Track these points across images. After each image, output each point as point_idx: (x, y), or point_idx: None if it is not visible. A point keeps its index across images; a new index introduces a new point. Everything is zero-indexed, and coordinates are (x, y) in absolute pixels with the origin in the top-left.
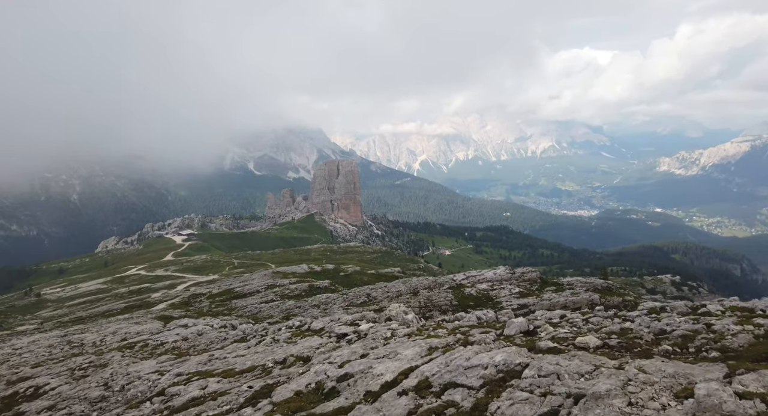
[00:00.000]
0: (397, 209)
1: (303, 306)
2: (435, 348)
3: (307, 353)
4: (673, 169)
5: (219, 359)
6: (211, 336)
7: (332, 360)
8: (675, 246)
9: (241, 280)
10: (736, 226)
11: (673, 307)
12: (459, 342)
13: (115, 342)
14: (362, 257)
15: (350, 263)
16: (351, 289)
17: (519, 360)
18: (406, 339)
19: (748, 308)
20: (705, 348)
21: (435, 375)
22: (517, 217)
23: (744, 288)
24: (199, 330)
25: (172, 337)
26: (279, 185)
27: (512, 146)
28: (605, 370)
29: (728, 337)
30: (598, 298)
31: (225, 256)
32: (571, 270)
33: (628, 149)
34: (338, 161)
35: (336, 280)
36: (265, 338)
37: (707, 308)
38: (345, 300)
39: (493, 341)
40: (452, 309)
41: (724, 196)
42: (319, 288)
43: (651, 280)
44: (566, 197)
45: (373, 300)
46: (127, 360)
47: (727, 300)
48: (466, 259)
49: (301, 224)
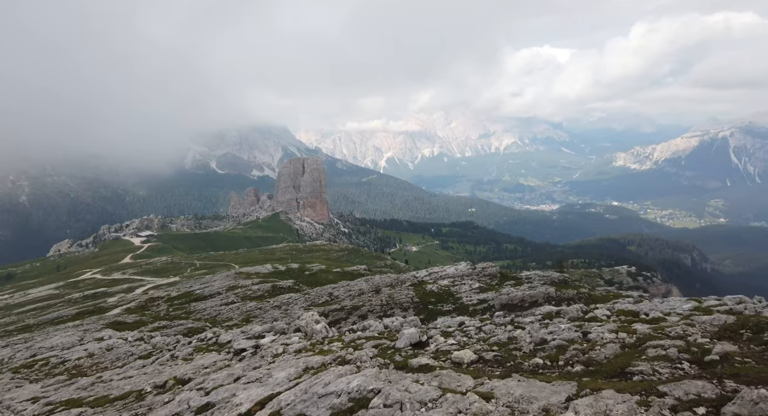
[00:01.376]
0: (364, 206)
1: (264, 308)
2: (310, 369)
3: (190, 374)
4: (628, 164)
5: (104, 382)
6: (120, 351)
7: (204, 386)
8: (631, 238)
9: (202, 282)
10: (686, 217)
11: (566, 312)
12: (337, 360)
13: (21, 359)
14: (329, 256)
15: (316, 262)
16: (314, 289)
17: (373, 386)
18: (292, 357)
19: (633, 311)
20: (572, 361)
21: (289, 406)
22: (482, 212)
23: (694, 277)
24: (109, 344)
25: (78, 353)
26: (243, 183)
27: (476, 142)
28: (450, 397)
29: (597, 348)
30: (554, 291)
31: (186, 257)
32: (534, 263)
33: (586, 145)
34: (304, 159)
35: (301, 279)
36: (167, 354)
37: (596, 312)
38: (307, 300)
39: (370, 359)
40: (413, 307)
41: (676, 189)
42: (282, 288)
43: (609, 271)
44: (529, 193)
45: (335, 299)
46: (15, 382)
47: (622, 300)
48: (433, 255)
49: (266, 224)
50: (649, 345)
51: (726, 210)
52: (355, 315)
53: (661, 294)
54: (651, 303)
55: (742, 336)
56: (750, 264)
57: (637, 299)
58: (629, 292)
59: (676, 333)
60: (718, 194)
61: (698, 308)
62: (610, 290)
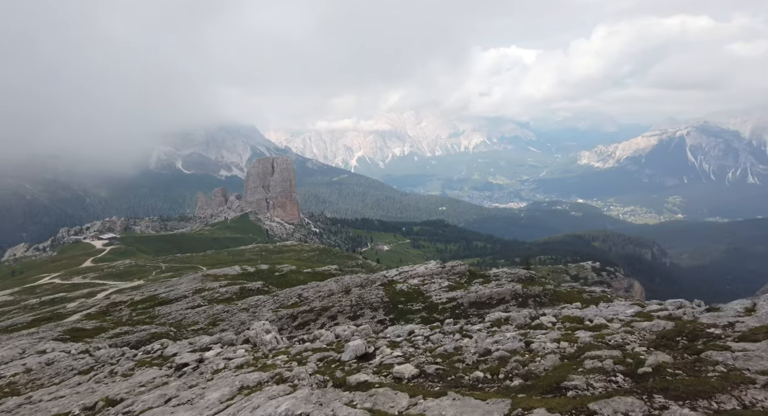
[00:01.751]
0: (335, 206)
1: (231, 311)
2: (245, 389)
3: (123, 394)
4: (592, 162)
5: (32, 403)
6: (60, 366)
7: (132, 409)
8: (595, 235)
9: (168, 285)
10: (647, 214)
11: (513, 319)
12: (275, 378)
13: None
14: (299, 256)
15: (286, 263)
16: (283, 290)
17: (301, 410)
18: (231, 374)
19: (579, 318)
20: (512, 374)
21: None
22: (453, 211)
23: (655, 271)
24: (50, 358)
25: (15, 369)
26: (210, 184)
27: (446, 141)
28: None
29: (538, 359)
30: (520, 288)
31: (151, 260)
32: (503, 260)
33: (552, 144)
34: (273, 159)
35: (270, 281)
36: (107, 369)
37: (542, 320)
38: (275, 302)
39: (309, 376)
40: (383, 307)
41: (637, 186)
42: (251, 290)
43: (574, 267)
44: (497, 191)
45: (305, 301)
46: None
47: (566, 309)
48: (405, 254)
49: (234, 224)
50: (588, 355)
51: (683, 206)
52: (324, 316)
53: (623, 289)
54: (597, 309)
55: (677, 344)
56: (705, 258)
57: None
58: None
59: (615, 341)
60: (676, 191)
61: (640, 313)
62: (575, 286)
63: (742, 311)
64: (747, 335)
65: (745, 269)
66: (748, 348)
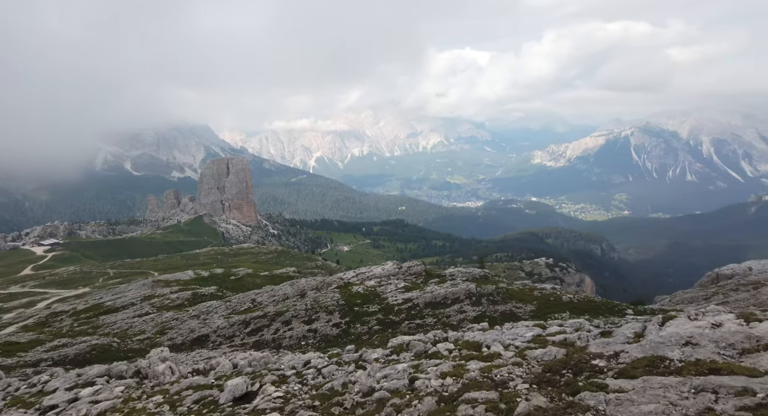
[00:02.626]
0: (294, 207)
1: (181, 318)
2: None
3: None
4: (545, 161)
5: None
6: None
7: None
8: (548, 232)
9: (115, 292)
10: (596, 211)
11: (413, 346)
12: None
13: None
14: (257, 259)
15: (243, 266)
16: (237, 295)
17: None
18: None
19: (477, 343)
20: None
21: None
22: (412, 210)
23: (604, 265)
24: None
25: None
26: (162, 186)
27: (405, 141)
28: None
29: (415, 402)
30: (474, 288)
31: (98, 266)
32: (461, 259)
33: (507, 144)
34: (228, 159)
35: (225, 285)
36: None
37: (439, 347)
38: (228, 308)
39: None
40: (339, 310)
41: (586, 185)
42: (204, 296)
43: (529, 263)
44: (455, 190)
45: (258, 306)
46: None
47: (472, 330)
48: (365, 254)
49: (188, 227)
50: (465, 399)
51: (629, 203)
52: (278, 322)
53: (575, 283)
54: (499, 331)
55: (561, 379)
56: (650, 252)
57: (549, 291)
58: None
59: (500, 377)
60: (622, 188)
61: (539, 337)
62: (527, 283)
63: (631, 336)
64: (627, 370)
65: (685, 262)
66: (623, 388)
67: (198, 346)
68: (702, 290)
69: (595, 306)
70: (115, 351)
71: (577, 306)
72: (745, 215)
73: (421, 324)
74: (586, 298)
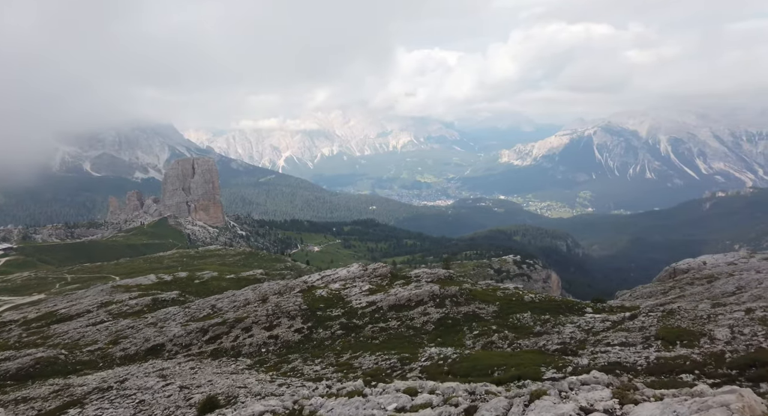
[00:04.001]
0: (263, 207)
1: (137, 326)
2: None
3: None
4: (512, 160)
5: None
6: None
7: None
8: (516, 229)
9: (71, 299)
10: (561, 208)
11: None
12: None
13: None
14: (224, 261)
15: (208, 269)
16: (196, 301)
17: None
18: None
19: None
20: None
21: None
22: (383, 210)
23: (569, 261)
24: None
25: None
26: (124, 187)
27: (375, 141)
28: None
29: None
30: (438, 289)
31: (55, 271)
32: (432, 257)
33: (475, 143)
34: (194, 159)
35: (189, 289)
36: None
37: None
38: (186, 315)
39: None
40: (301, 315)
41: (552, 183)
42: (165, 301)
43: (497, 261)
44: (426, 189)
45: (218, 312)
46: None
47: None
48: (335, 254)
49: (152, 229)
50: None
51: (593, 201)
52: (238, 328)
53: (542, 280)
54: (365, 399)
55: None
56: (612, 248)
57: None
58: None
59: None
60: (586, 186)
61: (403, 408)
62: (491, 283)
63: None
64: None
65: (646, 257)
66: None
67: (153, 356)
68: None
69: (556, 306)
70: (62, 364)
71: (538, 306)
72: (700, 211)
73: (384, 328)
74: (547, 298)
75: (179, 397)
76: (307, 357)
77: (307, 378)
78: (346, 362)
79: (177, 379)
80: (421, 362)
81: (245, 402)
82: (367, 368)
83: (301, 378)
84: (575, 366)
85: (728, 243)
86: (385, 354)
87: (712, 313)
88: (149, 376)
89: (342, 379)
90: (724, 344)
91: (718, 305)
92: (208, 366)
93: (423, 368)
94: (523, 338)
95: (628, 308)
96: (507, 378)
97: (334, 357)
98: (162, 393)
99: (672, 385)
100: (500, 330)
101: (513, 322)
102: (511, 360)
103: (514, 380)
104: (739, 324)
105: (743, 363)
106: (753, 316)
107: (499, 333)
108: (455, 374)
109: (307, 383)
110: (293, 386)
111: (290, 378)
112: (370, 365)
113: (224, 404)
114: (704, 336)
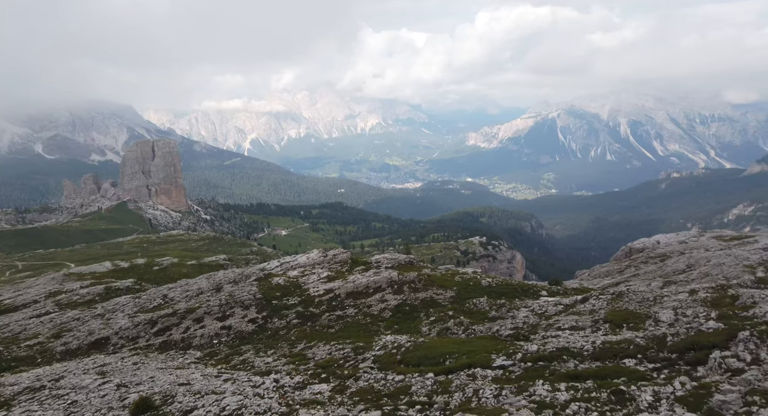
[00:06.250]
0: (228, 191)
1: (83, 318)
2: None
3: None
4: (479, 143)
5: None
6: None
7: None
8: (482, 211)
9: (17, 288)
10: (526, 190)
11: None
12: None
13: None
14: (186, 246)
15: (169, 255)
16: (147, 291)
17: None
18: None
19: None
20: None
21: None
22: (351, 193)
23: (533, 242)
24: None
25: None
26: (80, 170)
27: (343, 123)
28: None
29: None
30: (396, 275)
31: (5, 258)
32: (400, 240)
33: (443, 126)
34: (154, 141)
35: (147, 277)
36: None
37: None
38: (136, 306)
39: None
40: (256, 304)
41: (517, 165)
42: (119, 290)
43: (464, 242)
44: (394, 172)
45: (169, 302)
46: None
47: None
48: (303, 238)
49: (110, 214)
50: None
51: (556, 182)
52: (189, 319)
53: (507, 260)
54: None
55: None
56: (575, 228)
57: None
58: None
59: None
60: (549, 168)
61: None
62: (450, 268)
63: None
64: None
65: (606, 236)
66: None
67: (96, 351)
68: (617, 264)
69: (512, 289)
70: None
71: (495, 290)
72: (657, 191)
73: (341, 316)
74: (503, 282)
75: (114, 397)
76: (260, 348)
77: (257, 371)
78: (300, 352)
79: (116, 376)
80: (375, 351)
81: (182, 401)
82: (320, 358)
83: (251, 371)
84: (524, 352)
85: (682, 222)
86: (339, 344)
87: (659, 295)
88: (87, 373)
89: (292, 372)
90: (667, 326)
91: (669, 283)
92: (153, 361)
93: (376, 358)
94: (478, 323)
95: (580, 290)
96: (458, 367)
97: (288, 347)
98: (97, 393)
99: None
100: (456, 316)
101: (469, 307)
102: (464, 347)
103: (465, 368)
104: (683, 306)
105: (683, 346)
106: (696, 297)
107: (455, 319)
108: (407, 363)
109: (254, 378)
110: (239, 381)
111: (239, 371)
112: (324, 355)
113: (160, 404)
114: (649, 318)
